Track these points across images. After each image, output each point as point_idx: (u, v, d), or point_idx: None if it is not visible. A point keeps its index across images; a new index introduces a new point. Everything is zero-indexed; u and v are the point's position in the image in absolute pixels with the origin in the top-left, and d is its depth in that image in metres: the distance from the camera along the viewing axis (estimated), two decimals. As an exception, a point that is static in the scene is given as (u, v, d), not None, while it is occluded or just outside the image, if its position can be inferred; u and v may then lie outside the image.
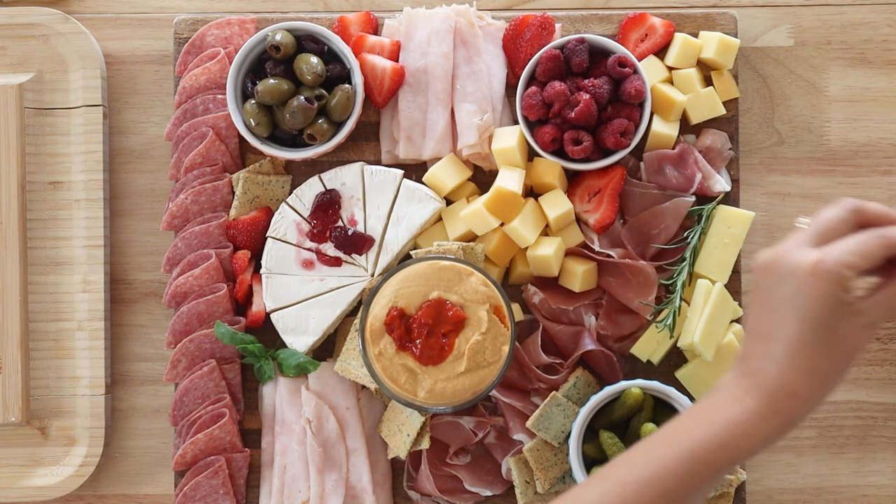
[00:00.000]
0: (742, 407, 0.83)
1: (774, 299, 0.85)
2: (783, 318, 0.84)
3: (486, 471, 1.19)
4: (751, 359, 0.86)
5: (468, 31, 1.21)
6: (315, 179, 1.19)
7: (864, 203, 0.87)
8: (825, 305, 0.83)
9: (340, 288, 1.18)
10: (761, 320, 0.86)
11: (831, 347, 0.84)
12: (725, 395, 0.85)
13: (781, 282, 0.85)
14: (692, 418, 0.85)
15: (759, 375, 0.84)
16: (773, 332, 0.85)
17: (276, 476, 1.18)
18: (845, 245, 0.83)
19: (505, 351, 1.09)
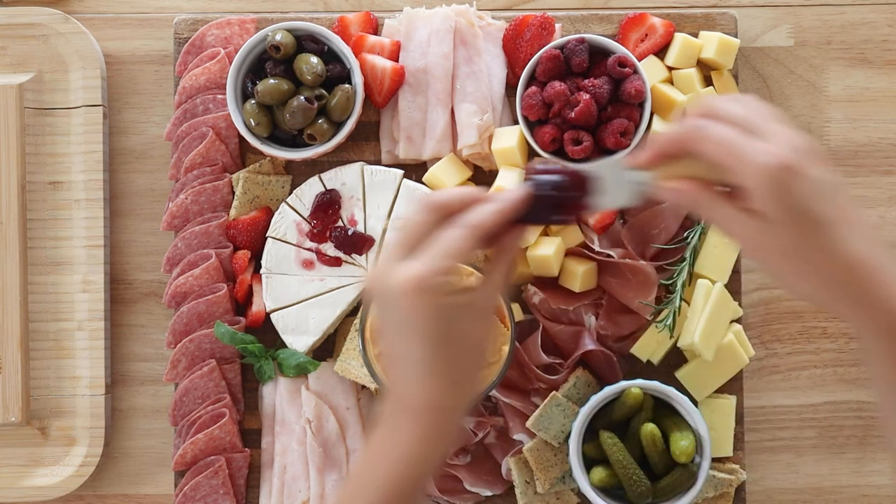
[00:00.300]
0: (409, 435, 0.81)
1: (393, 323, 0.82)
2: (406, 340, 0.81)
3: (486, 471, 1.19)
4: (396, 384, 0.83)
5: (468, 31, 1.21)
6: (315, 179, 1.19)
7: (437, 196, 0.82)
8: (435, 318, 0.79)
9: (340, 288, 1.18)
10: (391, 345, 0.83)
11: (459, 349, 0.81)
12: (391, 427, 0.82)
13: (390, 306, 0.81)
14: (373, 459, 0.83)
15: (407, 399, 0.82)
16: (403, 354, 0.82)
17: (276, 476, 1.18)
18: (433, 251, 0.79)
19: (505, 351, 1.09)
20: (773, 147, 0.75)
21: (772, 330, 1.23)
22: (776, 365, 1.23)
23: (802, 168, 0.74)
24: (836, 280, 0.76)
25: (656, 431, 1.12)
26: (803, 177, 0.74)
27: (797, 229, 0.75)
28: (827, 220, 0.75)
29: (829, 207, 0.75)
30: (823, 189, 0.75)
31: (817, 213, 0.75)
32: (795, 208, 0.75)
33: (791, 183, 0.74)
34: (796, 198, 0.75)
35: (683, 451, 1.10)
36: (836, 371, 1.23)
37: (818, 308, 1.23)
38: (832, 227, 0.75)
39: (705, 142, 0.78)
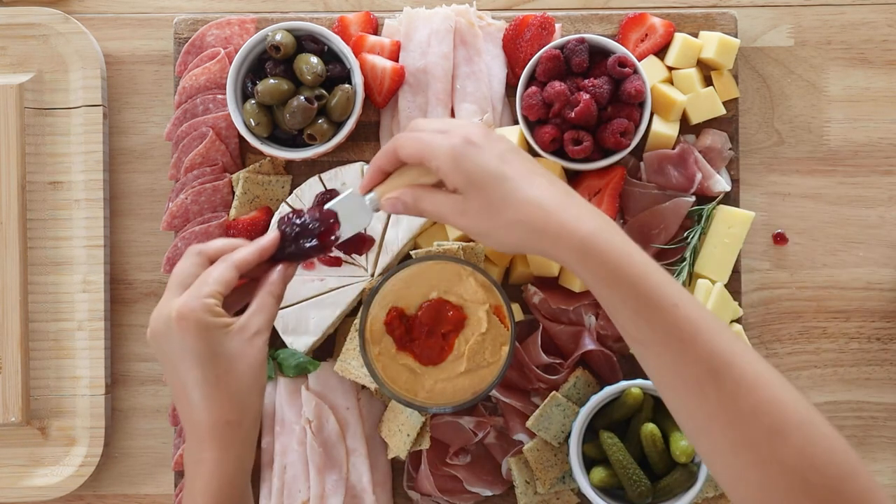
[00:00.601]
0: (209, 455, 0.90)
1: (171, 359, 0.91)
2: (184, 369, 0.90)
3: (486, 471, 1.19)
4: (186, 416, 0.91)
5: (468, 31, 1.21)
6: (315, 179, 1.19)
7: (205, 245, 0.95)
8: (204, 337, 0.89)
9: (340, 288, 1.18)
10: (174, 378, 0.92)
11: (228, 366, 0.90)
12: (194, 460, 0.91)
13: (166, 340, 0.91)
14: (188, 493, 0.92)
15: (198, 425, 0.90)
16: (185, 381, 0.90)
17: (276, 476, 1.18)
18: (200, 280, 0.91)
19: (505, 351, 1.09)
20: (452, 132, 0.92)
21: (772, 330, 1.23)
22: (776, 365, 1.22)
23: (474, 144, 0.91)
24: (528, 223, 0.89)
25: (656, 431, 1.12)
26: (475, 149, 0.91)
27: (482, 191, 0.90)
28: (502, 177, 0.90)
29: (502, 167, 0.91)
30: (493, 155, 0.91)
31: (492, 173, 0.90)
32: (475, 174, 0.90)
33: (466, 156, 0.90)
34: (472, 165, 0.90)
35: (683, 451, 1.10)
36: (836, 371, 1.23)
37: (816, 309, 1.23)
38: (508, 182, 0.90)
39: (404, 147, 0.94)
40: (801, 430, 0.82)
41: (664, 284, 0.87)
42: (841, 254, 1.24)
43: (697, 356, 0.84)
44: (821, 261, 1.23)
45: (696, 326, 0.85)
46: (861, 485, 0.82)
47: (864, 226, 1.24)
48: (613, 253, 0.87)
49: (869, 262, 1.23)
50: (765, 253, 1.23)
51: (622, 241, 0.88)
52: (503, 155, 0.92)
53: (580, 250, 0.87)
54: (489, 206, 0.90)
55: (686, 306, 0.86)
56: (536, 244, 0.90)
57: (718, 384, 0.83)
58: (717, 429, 0.83)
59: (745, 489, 0.83)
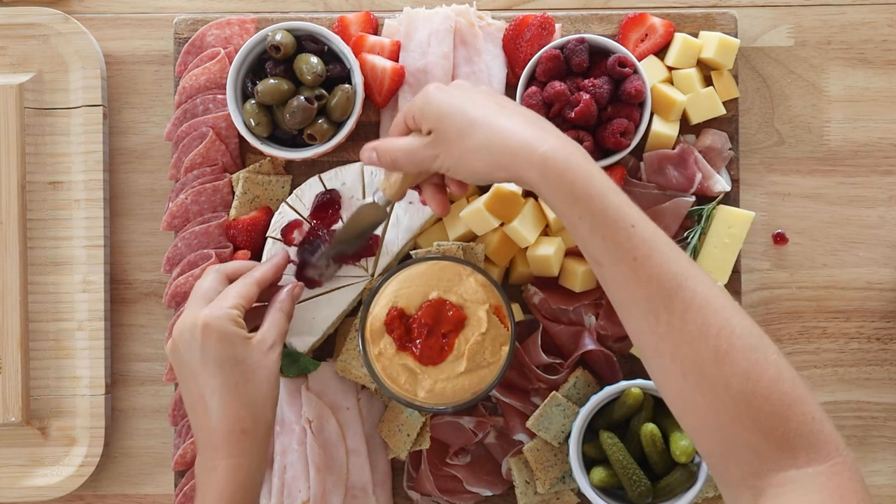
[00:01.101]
0: (224, 463, 0.96)
1: (192, 367, 0.98)
2: (205, 376, 0.97)
3: (486, 471, 1.19)
4: (202, 427, 0.98)
5: (468, 31, 1.21)
6: (315, 179, 1.19)
7: (223, 265, 1.06)
8: (227, 345, 0.97)
9: (340, 288, 1.18)
10: (191, 390, 0.98)
11: (244, 373, 0.98)
12: (207, 469, 0.97)
13: (188, 348, 0.98)
14: None
15: (213, 435, 0.97)
16: (204, 391, 0.97)
17: (276, 476, 1.18)
18: (223, 294, 1.01)
19: (505, 351, 1.09)
20: None
21: (772, 330, 1.23)
22: (776, 365, 1.22)
23: (441, 88, 0.97)
24: (490, 145, 0.92)
25: (656, 431, 1.12)
26: (443, 90, 0.97)
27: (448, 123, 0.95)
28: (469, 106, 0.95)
29: (470, 98, 0.95)
30: (461, 93, 0.97)
31: (457, 105, 0.95)
32: (442, 108, 0.95)
33: (434, 96, 0.96)
34: (439, 102, 0.95)
35: (683, 451, 1.10)
36: (836, 371, 1.23)
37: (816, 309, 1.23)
38: (474, 110, 0.94)
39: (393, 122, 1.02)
40: (746, 355, 0.83)
41: (623, 206, 0.89)
42: (841, 254, 1.24)
43: (649, 276, 0.86)
44: (821, 261, 1.24)
45: (650, 247, 0.87)
46: (807, 412, 0.82)
47: (864, 226, 1.24)
48: (572, 170, 0.89)
49: (869, 262, 1.23)
50: (765, 253, 1.23)
51: (584, 161, 0.90)
52: (470, 94, 0.96)
53: (540, 166, 0.89)
54: (455, 135, 0.94)
55: (643, 229, 0.88)
56: (500, 166, 0.92)
57: (669, 306, 0.85)
58: (667, 350, 0.85)
59: (695, 415, 0.85)
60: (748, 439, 0.83)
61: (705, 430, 0.85)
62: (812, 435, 0.82)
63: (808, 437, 0.82)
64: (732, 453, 0.84)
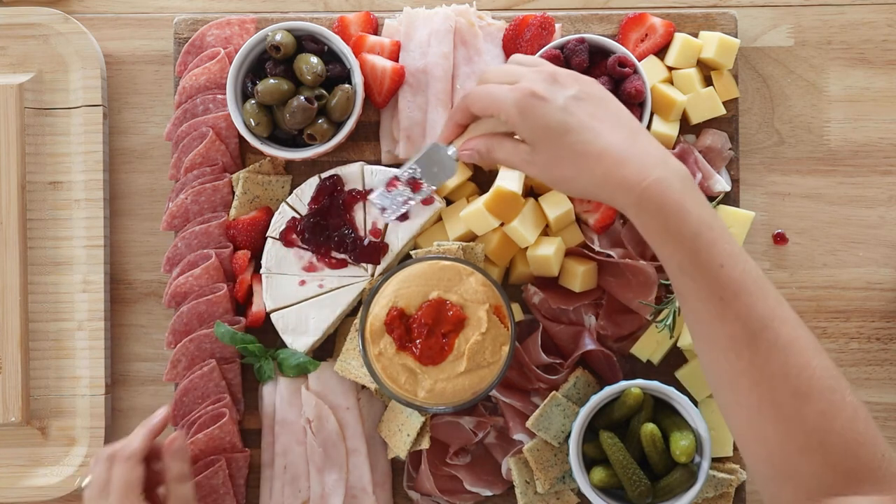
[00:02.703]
0: None
1: None
2: None
3: (486, 471, 1.19)
4: None
5: (468, 31, 1.21)
6: (315, 179, 1.19)
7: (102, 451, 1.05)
8: None
9: (340, 288, 1.18)
10: None
11: None
12: None
13: None
14: None
15: None
16: None
17: (276, 476, 1.18)
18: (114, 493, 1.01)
19: (505, 351, 1.09)
20: (518, 86, 0.93)
21: (772, 330, 1.23)
22: (776, 365, 1.22)
23: (537, 96, 0.92)
24: (589, 175, 0.92)
25: (656, 431, 1.12)
26: (538, 102, 0.92)
27: (547, 144, 0.93)
28: (564, 130, 0.92)
29: (565, 119, 0.92)
30: (556, 107, 0.92)
31: (554, 127, 0.92)
32: (538, 128, 0.92)
33: (530, 111, 0.92)
34: (536, 120, 0.92)
35: (683, 451, 1.10)
36: (836, 371, 1.23)
37: (816, 309, 1.23)
38: (570, 135, 0.92)
39: (473, 102, 0.97)
40: (824, 395, 0.85)
41: (715, 243, 0.89)
42: (841, 254, 1.24)
43: (735, 316, 0.87)
44: (821, 261, 1.23)
45: (738, 287, 0.87)
46: (877, 451, 0.84)
47: (864, 226, 1.24)
48: (667, 209, 0.89)
49: (869, 262, 1.23)
50: (765, 253, 1.23)
51: (682, 195, 0.89)
52: (566, 105, 0.93)
53: (636, 205, 0.90)
54: (554, 157, 0.93)
55: (733, 268, 0.88)
56: (599, 194, 0.93)
57: (752, 346, 0.86)
58: (745, 386, 0.86)
59: (762, 445, 0.86)
60: (815, 471, 0.84)
61: (769, 458, 0.86)
62: (880, 470, 0.84)
63: (876, 471, 0.84)
64: (793, 479, 0.85)
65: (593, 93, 0.95)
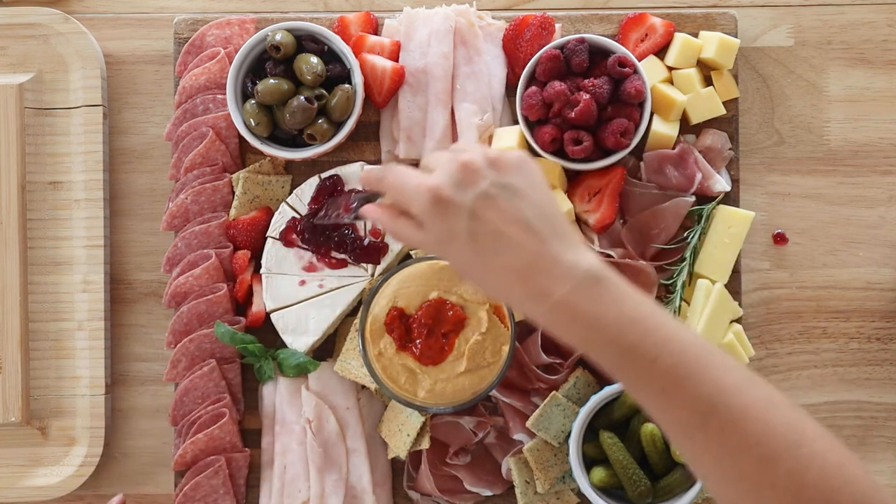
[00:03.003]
0: None
1: None
2: None
3: (486, 471, 1.19)
4: None
5: (468, 31, 1.21)
6: (315, 179, 1.19)
7: None
8: None
9: (340, 288, 1.18)
10: None
11: None
12: None
13: None
14: None
15: None
16: None
17: (276, 476, 1.18)
18: None
19: (505, 351, 1.09)
20: (426, 186, 0.86)
21: (772, 330, 1.23)
22: (776, 365, 1.23)
23: (444, 199, 0.85)
24: (499, 283, 0.86)
25: (656, 431, 1.12)
26: (443, 208, 0.86)
27: (454, 247, 0.87)
28: (475, 236, 0.85)
29: (470, 228, 0.85)
30: (463, 215, 0.85)
31: (463, 233, 0.85)
32: (446, 231, 0.86)
33: (435, 214, 0.86)
34: (443, 225, 0.86)
35: (683, 451, 1.10)
36: (836, 371, 1.23)
37: (816, 309, 1.23)
38: (481, 243, 0.85)
39: (386, 186, 0.92)
40: (791, 453, 0.80)
41: (641, 340, 0.82)
42: (841, 254, 1.24)
43: (680, 404, 0.81)
44: (821, 261, 1.23)
45: (676, 376, 0.81)
46: (857, 490, 0.81)
47: (864, 226, 1.24)
48: (580, 319, 0.83)
49: (869, 262, 1.23)
50: (765, 253, 1.23)
51: (592, 303, 0.83)
52: (474, 209, 0.85)
53: (546, 319, 0.85)
54: (460, 261, 0.88)
55: (668, 357, 0.81)
56: (508, 303, 0.89)
57: (704, 428, 0.81)
58: (709, 461, 0.82)
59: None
60: None
61: None
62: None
63: None
64: None
65: (510, 183, 0.87)
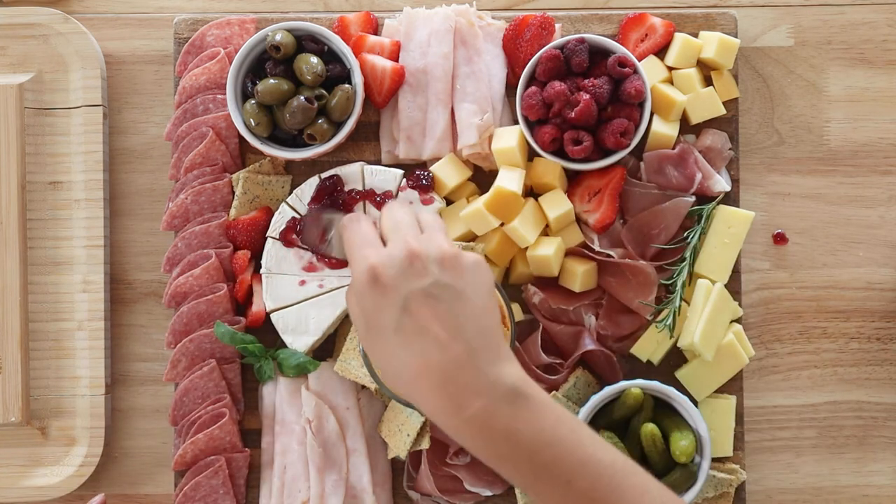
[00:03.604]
0: None
1: None
2: None
3: (487, 471, 1.19)
4: None
5: (468, 31, 1.21)
6: (315, 179, 1.19)
7: None
8: None
9: (340, 288, 1.18)
10: None
11: None
12: None
13: None
14: None
15: None
16: None
17: (276, 476, 1.18)
18: None
19: (505, 351, 1.09)
20: (367, 263, 0.85)
21: (772, 330, 1.23)
22: (776, 365, 1.23)
23: (381, 282, 0.84)
24: (411, 384, 0.84)
25: (656, 431, 1.12)
26: (377, 292, 0.84)
27: (377, 330, 0.85)
28: (401, 328, 0.83)
29: (406, 319, 0.83)
30: (395, 304, 0.83)
31: (391, 321, 0.83)
32: (374, 313, 0.84)
33: (368, 293, 0.84)
34: (374, 305, 0.84)
35: (683, 451, 1.10)
36: (836, 371, 1.23)
37: (816, 309, 1.23)
38: (404, 336, 0.83)
39: (344, 239, 0.90)
40: None
41: (556, 461, 0.81)
42: (841, 254, 1.24)
43: None
44: (821, 261, 1.24)
45: (591, 499, 0.81)
46: None
47: (864, 226, 1.24)
48: (493, 436, 0.81)
49: (869, 262, 1.23)
50: (765, 253, 1.23)
51: (508, 420, 0.81)
52: (408, 303, 0.83)
53: (456, 433, 0.83)
54: (378, 347, 0.86)
55: (583, 479, 0.81)
56: (417, 405, 0.86)
57: None
58: None
59: None
60: None
61: None
62: None
63: None
64: None
65: (453, 286, 0.84)
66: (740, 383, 1.20)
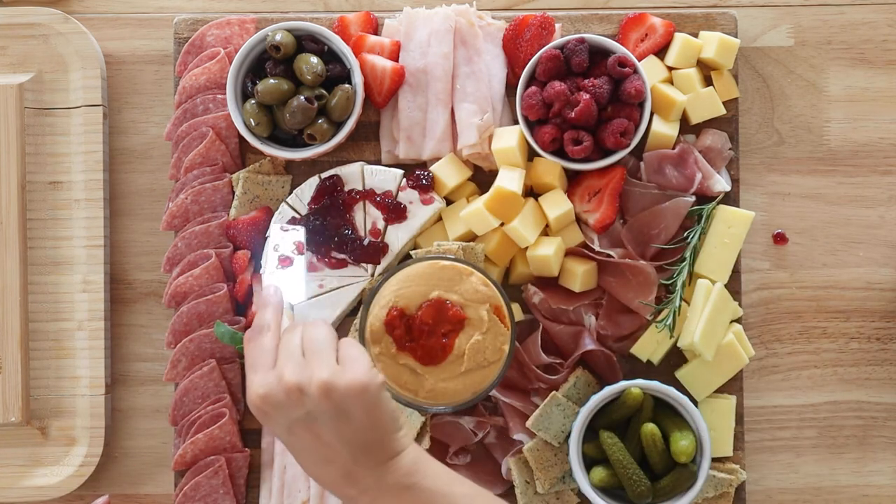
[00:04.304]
0: None
1: None
2: None
3: (486, 471, 1.19)
4: None
5: (468, 31, 1.21)
6: (315, 179, 1.19)
7: None
8: None
9: (340, 288, 1.18)
10: None
11: None
12: None
13: None
14: None
15: None
16: None
17: (276, 476, 1.18)
18: None
19: (505, 351, 1.09)
20: (255, 386, 0.92)
21: (772, 330, 1.23)
22: (776, 365, 1.23)
23: (264, 408, 0.92)
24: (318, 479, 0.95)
25: (656, 431, 1.12)
26: (266, 413, 0.92)
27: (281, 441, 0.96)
28: (288, 444, 0.94)
29: (290, 438, 0.93)
30: (281, 426, 0.92)
31: (279, 435, 0.94)
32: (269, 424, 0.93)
33: (258, 414, 0.93)
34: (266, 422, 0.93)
35: (683, 451, 1.10)
36: (836, 371, 1.23)
37: (816, 309, 1.23)
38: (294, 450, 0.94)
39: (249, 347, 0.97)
40: None
41: None
42: (841, 254, 1.24)
43: None
44: (821, 261, 1.24)
45: None
46: None
47: (864, 226, 1.24)
48: None
49: (869, 262, 1.23)
50: (765, 253, 1.23)
51: None
52: (291, 427, 0.92)
53: None
54: None
55: None
56: None
57: None
58: None
59: None
60: None
61: None
62: None
63: None
64: None
65: (329, 411, 0.91)
66: (740, 383, 1.20)
